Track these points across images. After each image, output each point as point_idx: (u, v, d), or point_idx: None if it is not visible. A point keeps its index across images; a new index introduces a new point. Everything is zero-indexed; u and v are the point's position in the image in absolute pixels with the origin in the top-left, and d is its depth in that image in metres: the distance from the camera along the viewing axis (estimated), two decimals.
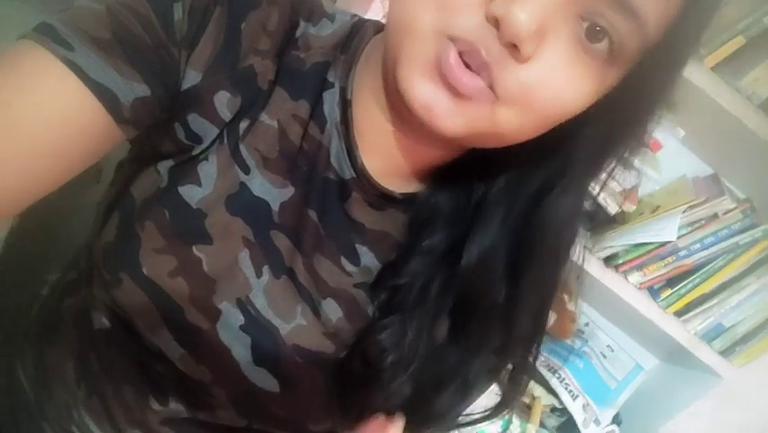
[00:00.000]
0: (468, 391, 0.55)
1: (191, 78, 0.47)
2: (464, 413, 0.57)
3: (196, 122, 0.48)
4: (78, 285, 0.61)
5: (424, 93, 0.41)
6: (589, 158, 0.49)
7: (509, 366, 0.57)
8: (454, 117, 0.42)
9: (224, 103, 0.48)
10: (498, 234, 0.51)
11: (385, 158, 0.52)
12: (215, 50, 0.47)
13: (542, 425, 1.37)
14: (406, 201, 0.54)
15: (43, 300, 0.66)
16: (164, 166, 0.50)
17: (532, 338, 0.55)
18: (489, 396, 0.58)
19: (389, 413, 0.56)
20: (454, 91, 0.40)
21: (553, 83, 0.40)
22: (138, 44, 0.44)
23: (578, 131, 0.46)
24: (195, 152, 0.49)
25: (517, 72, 0.39)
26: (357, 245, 0.54)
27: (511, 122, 0.42)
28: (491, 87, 0.40)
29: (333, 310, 0.53)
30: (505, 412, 0.59)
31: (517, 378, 0.57)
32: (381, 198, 0.53)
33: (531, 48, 0.38)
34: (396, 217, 0.55)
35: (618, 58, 0.41)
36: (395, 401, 0.52)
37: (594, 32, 0.39)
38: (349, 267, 0.53)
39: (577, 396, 1.38)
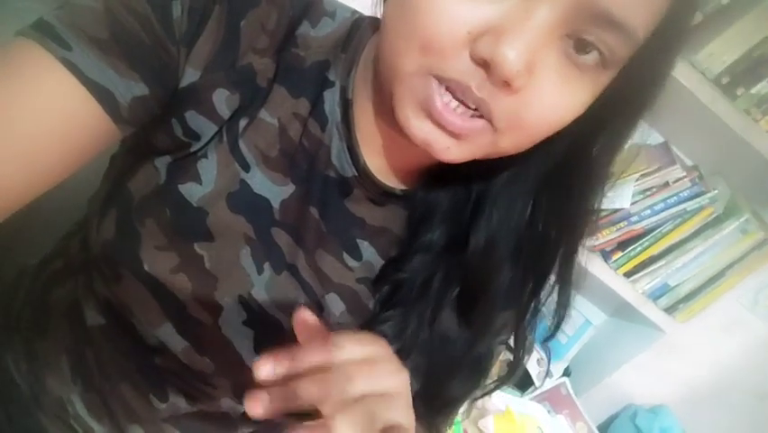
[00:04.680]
0: (480, 373, 0.58)
1: (189, 75, 0.46)
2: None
3: (194, 119, 0.48)
4: (66, 275, 0.60)
5: (421, 131, 0.42)
6: (592, 152, 0.49)
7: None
8: (454, 151, 0.43)
9: (223, 100, 0.48)
10: (503, 222, 0.52)
11: (385, 157, 0.53)
12: (214, 49, 0.47)
13: None
14: (407, 197, 0.55)
15: (28, 289, 0.64)
16: (162, 162, 0.50)
17: (535, 310, 0.57)
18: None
19: None
20: (450, 132, 0.41)
21: (546, 105, 0.41)
22: (136, 43, 0.43)
23: (579, 127, 0.46)
24: (193, 149, 0.49)
25: (510, 102, 0.40)
26: (358, 240, 0.55)
27: (510, 145, 0.43)
28: (490, 121, 0.41)
29: (336, 305, 0.54)
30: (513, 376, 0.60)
31: (522, 341, 0.58)
32: (382, 195, 0.54)
33: (523, 81, 0.38)
34: (396, 213, 0.56)
35: (610, 63, 0.41)
36: None
37: (582, 46, 0.39)
38: (351, 262, 0.55)
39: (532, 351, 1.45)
